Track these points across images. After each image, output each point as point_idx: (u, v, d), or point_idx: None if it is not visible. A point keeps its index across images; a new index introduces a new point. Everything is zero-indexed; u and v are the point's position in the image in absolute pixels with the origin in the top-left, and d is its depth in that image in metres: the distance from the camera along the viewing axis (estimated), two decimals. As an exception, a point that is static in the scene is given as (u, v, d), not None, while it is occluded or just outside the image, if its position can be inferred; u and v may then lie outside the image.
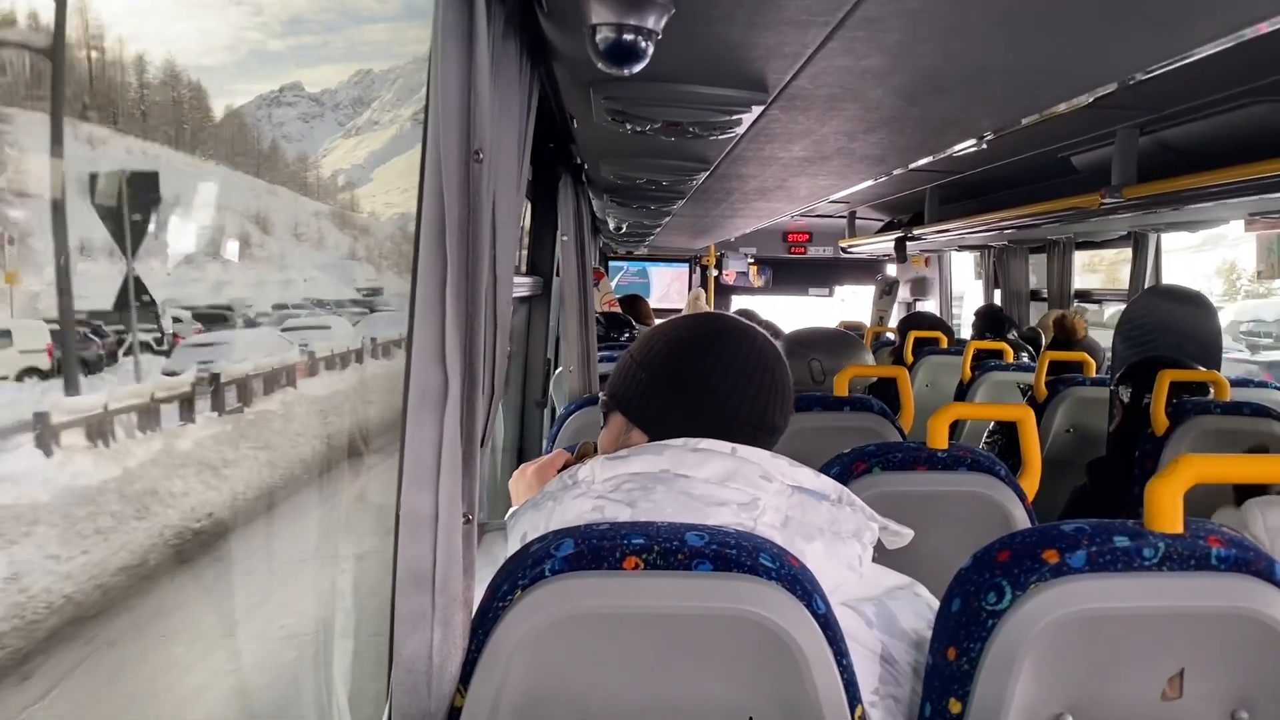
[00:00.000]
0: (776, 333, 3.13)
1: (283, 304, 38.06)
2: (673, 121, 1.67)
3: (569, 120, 2.02)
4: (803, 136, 2.01)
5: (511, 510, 1.45)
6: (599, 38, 1.09)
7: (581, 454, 1.50)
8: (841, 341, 2.67)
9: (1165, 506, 1.02)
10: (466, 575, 1.04)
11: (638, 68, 1.13)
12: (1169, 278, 4.20)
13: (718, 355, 1.23)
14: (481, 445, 1.11)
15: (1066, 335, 3.76)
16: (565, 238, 2.78)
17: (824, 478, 1.20)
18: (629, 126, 1.68)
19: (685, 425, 1.20)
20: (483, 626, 1.01)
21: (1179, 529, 1.01)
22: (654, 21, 1.06)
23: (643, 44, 1.08)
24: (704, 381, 1.22)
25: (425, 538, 1.01)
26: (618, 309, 5.71)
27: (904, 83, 1.49)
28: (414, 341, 1.00)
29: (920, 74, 1.44)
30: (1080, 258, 4.84)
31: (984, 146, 2.23)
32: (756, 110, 1.67)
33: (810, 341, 2.64)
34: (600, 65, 1.13)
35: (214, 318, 29.44)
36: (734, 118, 1.68)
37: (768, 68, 1.41)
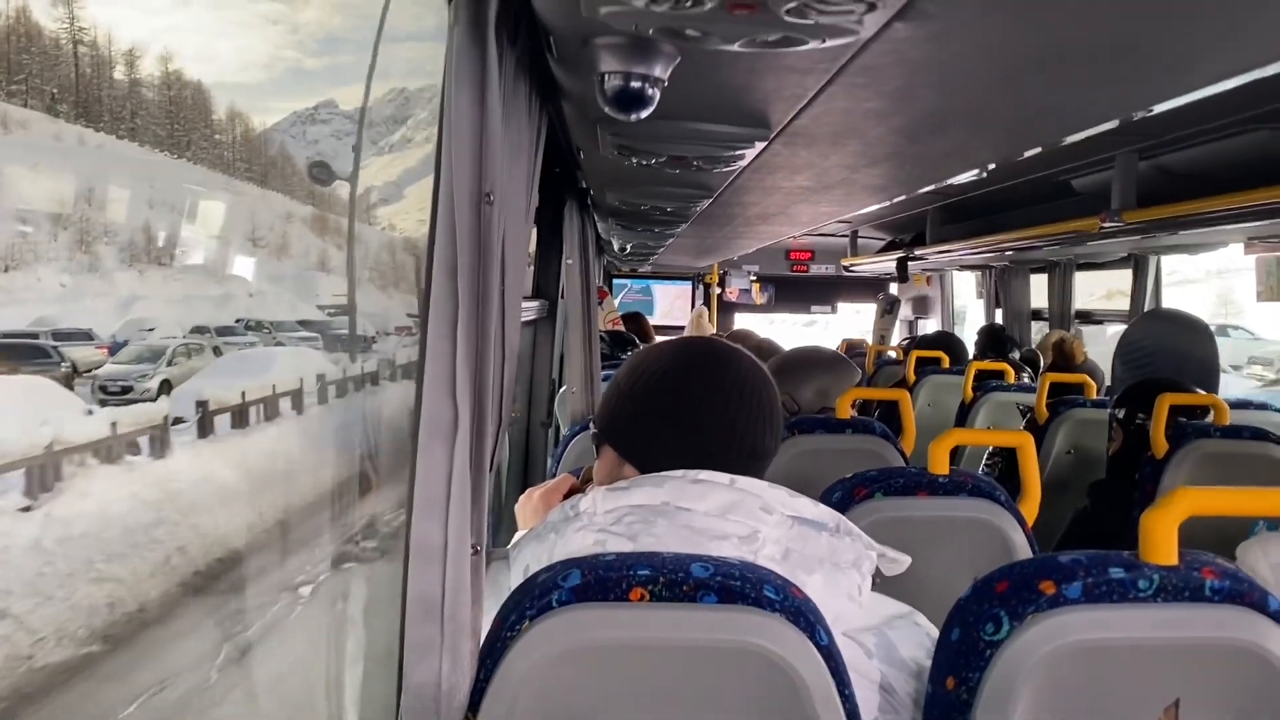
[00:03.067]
0: (774, 352, 3.05)
1: (204, 327, 29.81)
2: (678, 156, 1.70)
3: (575, 151, 2.05)
4: (805, 169, 2.04)
5: (515, 539, 1.47)
6: (607, 85, 1.12)
7: (586, 479, 1.51)
8: (819, 364, 2.54)
9: (1160, 538, 1.03)
10: (475, 605, 1.06)
11: (645, 114, 1.16)
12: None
13: (704, 384, 1.22)
14: (490, 471, 1.13)
15: (1066, 360, 3.78)
16: (570, 261, 2.81)
17: (822, 507, 1.21)
18: (635, 160, 1.71)
19: (676, 457, 1.20)
20: (491, 656, 1.02)
21: (1174, 560, 1.03)
22: (660, 70, 1.09)
23: (649, 91, 1.11)
24: (693, 412, 1.21)
25: (434, 567, 1.03)
26: (621, 327, 5.74)
27: (903, 123, 1.51)
28: (425, 375, 1.02)
29: (920, 115, 1.46)
30: (1101, 276, 4.87)
31: (984, 175, 2.26)
32: (760, 145, 1.69)
33: (783, 371, 2.45)
34: (608, 110, 1.16)
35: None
36: (737, 153, 1.70)
37: (770, 108, 1.43)
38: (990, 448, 3.38)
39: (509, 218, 1.13)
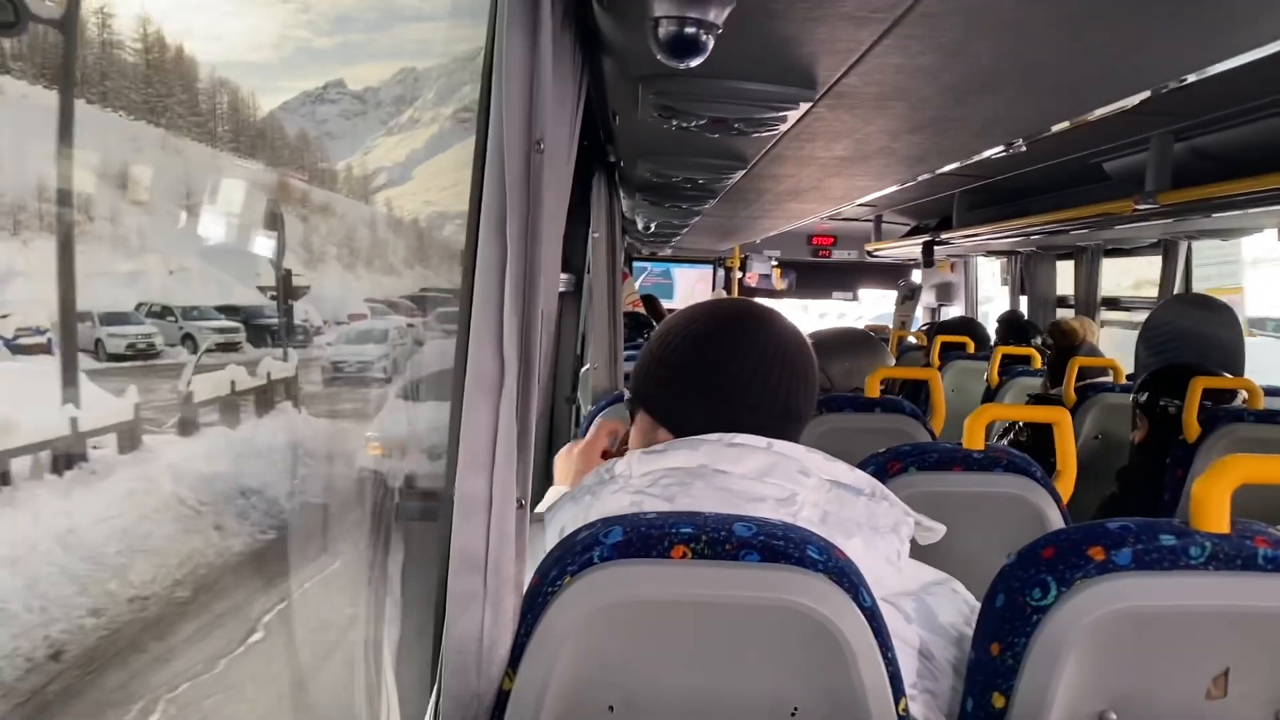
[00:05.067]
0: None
1: (85, 314, 21.67)
2: (719, 118, 1.68)
3: (610, 117, 2.04)
4: (845, 136, 2.02)
5: (546, 498, 1.46)
6: (661, 31, 1.10)
7: (624, 441, 1.51)
8: (853, 342, 2.60)
9: (1212, 505, 1.02)
10: (519, 559, 1.06)
11: (697, 61, 1.14)
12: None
13: (736, 345, 1.21)
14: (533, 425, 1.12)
15: (1068, 341, 3.74)
16: (597, 235, 2.80)
17: (858, 472, 1.20)
18: (674, 123, 1.69)
19: (710, 420, 1.19)
20: (531, 611, 1.02)
21: (1225, 529, 1.02)
22: (715, 14, 1.07)
23: (704, 37, 1.09)
24: (724, 374, 1.20)
25: (479, 521, 1.02)
26: (641, 309, 5.74)
27: (953, 81, 1.49)
28: (472, 328, 1.01)
29: (971, 72, 1.44)
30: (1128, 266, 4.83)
31: (1022, 149, 2.23)
32: (803, 107, 1.67)
33: (820, 345, 2.51)
34: (660, 58, 1.14)
35: None
36: (779, 114, 1.68)
37: (819, 64, 1.41)
38: (1002, 435, 3.35)
39: (553, 173, 1.12)
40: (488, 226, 0.98)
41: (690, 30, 1.08)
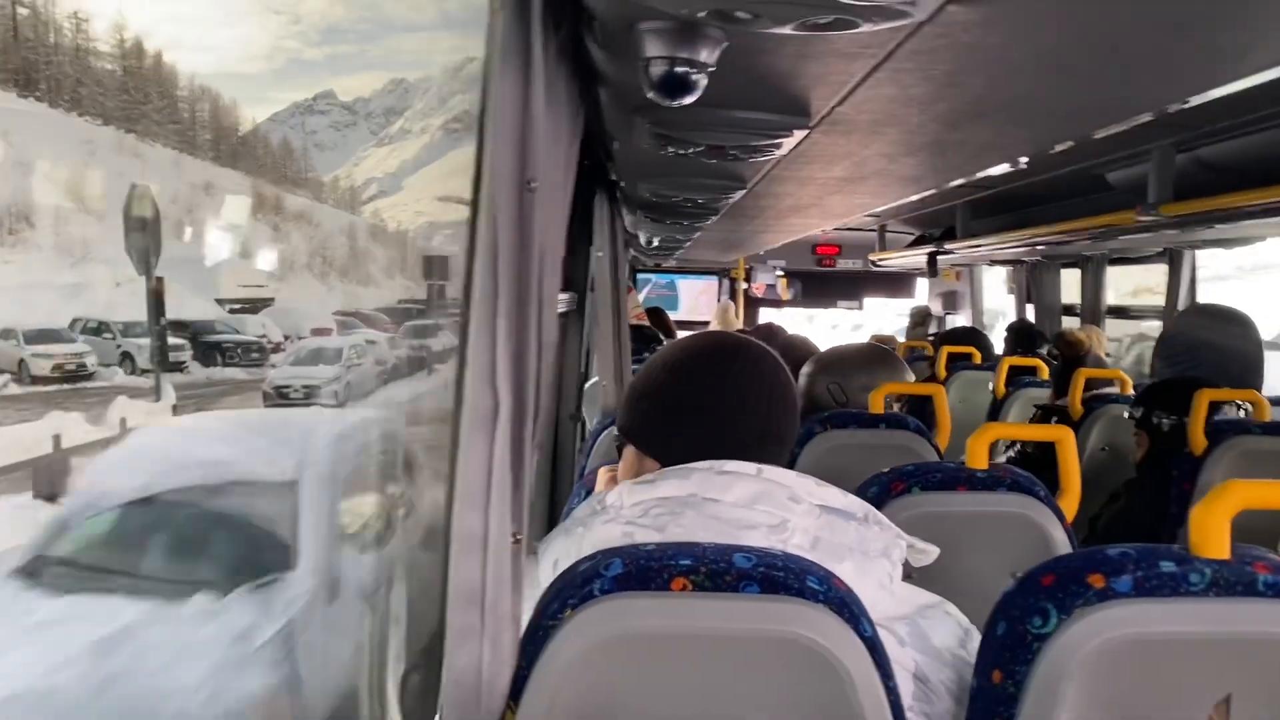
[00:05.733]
0: (805, 348, 3.04)
1: (9, 330, 21.56)
2: (715, 146, 1.69)
3: (609, 142, 2.05)
4: (842, 159, 2.03)
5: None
6: (653, 71, 1.11)
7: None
8: (870, 358, 2.58)
9: (1212, 532, 1.02)
10: (515, 593, 1.06)
11: (689, 99, 1.15)
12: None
13: (714, 373, 1.25)
14: (530, 460, 1.12)
15: (1073, 351, 3.73)
16: (600, 253, 2.81)
17: (850, 496, 1.21)
18: (671, 150, 1.70)
19: (693, 447, 1.21)
20: (532, 644, 1.02)
21: (1225, 554, 1.01)
22: (707, 55, 1.08)
23: (695, 76, 1.10)
24: (703, 402, 1.24)
25: (475, 556, 1.03)
26: (646, 322, 5.74)
27: (946, 110, 1.50)
28: (466, 364, 1.02)
29: (964, 102, 1.45)
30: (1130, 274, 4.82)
31: (1020, 167, 2.23)
32: (799, 134, 1.68)
33: (833, 364, 2.51)
34: (651, 96, 1.15)
35: None
36: (775, 141, 1.70)
37: (812, 95, 1.43)
38: (1008, 447, 3.34)
39: (548, 207, 1.12)
40: (482, 265, 0.99)
41: (681, 70, 1.09)
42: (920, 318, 7.04)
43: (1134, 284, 5.33)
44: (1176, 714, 1.02)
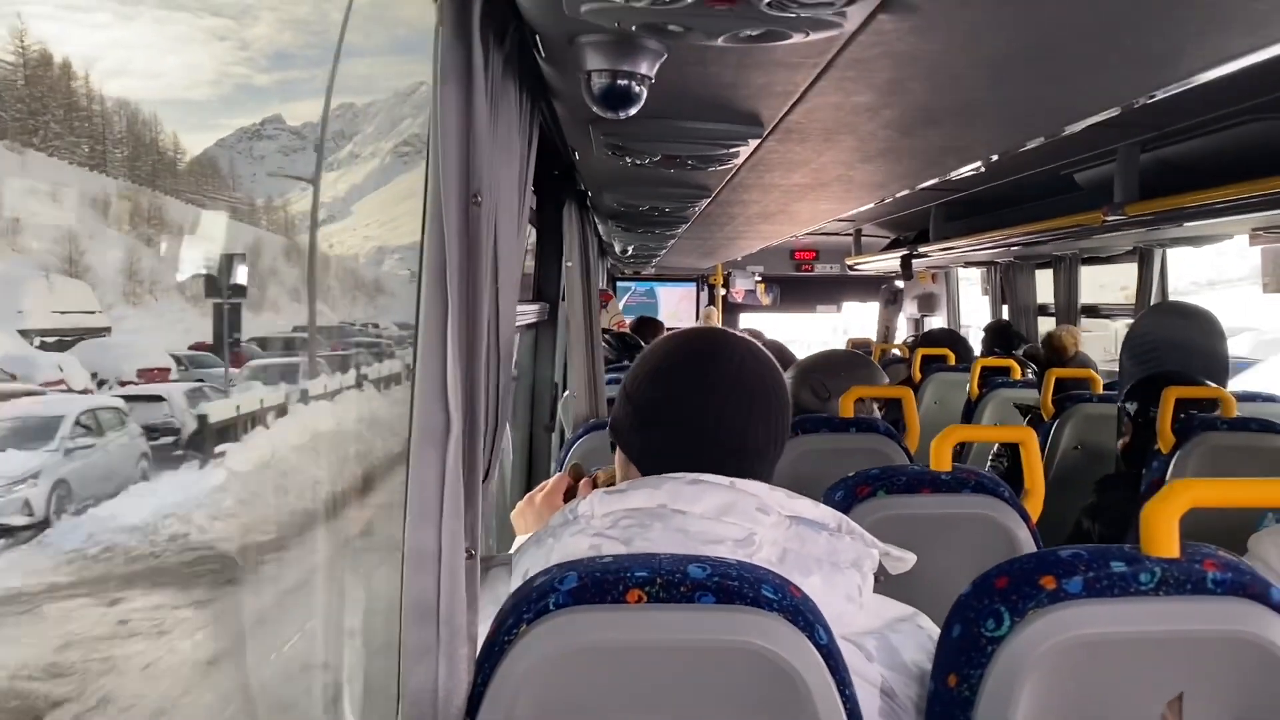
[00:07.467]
0: (783, 356, 3.08)
1: None
2: (671, 155, 1.70)
3: (571, 152, 2.05)
4: (801, 165, 2.04)
5: (515, 545, 1.46)
6: (594, 84, 1.12)
7: (575, 476, 1.51)
8: (852, 363, 2.66)
9: (1160, 530, 1.03)
10: (470, 609, 1.06)
11: (632, 111, 1.15)
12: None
13: (692, 380, 1.21)
14: (485, 480, 1.12)
15: (1056, 353, 3.76)
16: (570, 264, 2.81)
17: (823, 507, 1.19)
18: (629, 160, 1.71)
19: (667, 456, 1.19)
20: (489, 660, 1.02)
21: (1175, 553, 1.02)
22: (647, 67, 1.09)
23: (636, 89, 1.11)
24: (683, 411, 1.20)
25: (429, 573, 1.03)
26: (626, 329, 5.73)
27: (895, 117, 1.51)
28: (417, 381, 1.02)
29: (911, 109, 1.46)
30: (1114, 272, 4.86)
31: (983, 170, 2.25)
32: (753, 143, 1.69)
33: (819, 365, 2.59)
34: (596, 110, 1.16)
35: None
36: (731, 150, 1.70)
37: (762, 104, 1.43)
38: (995, 445, 3.37)
39: (501, 219, 1.12)
40: (430, 280, 0.99)
41: (622, 83, 1.10)
42: (891, 295, 7.12)
43: (1100, 283, 5.36)
44: (1130, 714, 1.02)
